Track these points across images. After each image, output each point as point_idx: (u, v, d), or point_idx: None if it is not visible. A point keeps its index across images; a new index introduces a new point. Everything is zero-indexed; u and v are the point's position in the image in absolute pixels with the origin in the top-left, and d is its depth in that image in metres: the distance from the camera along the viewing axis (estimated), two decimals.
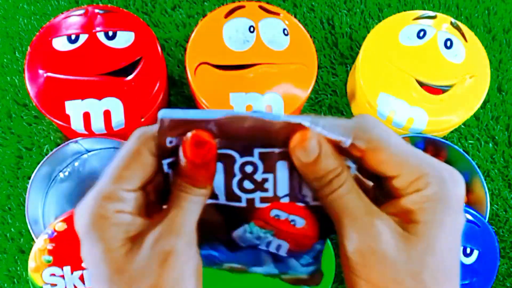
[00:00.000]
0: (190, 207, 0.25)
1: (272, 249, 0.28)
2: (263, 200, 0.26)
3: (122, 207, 0.24)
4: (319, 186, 0.25)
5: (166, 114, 0.24)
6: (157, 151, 0.25)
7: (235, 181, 0.25)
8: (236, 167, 0.25)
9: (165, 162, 0.25)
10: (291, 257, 0.28)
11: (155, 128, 0.25)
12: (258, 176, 0.25)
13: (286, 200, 0.26)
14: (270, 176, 0.25)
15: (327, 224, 0.26)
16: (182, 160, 0.24)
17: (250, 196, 0.25)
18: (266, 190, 0.25)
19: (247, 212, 0.26)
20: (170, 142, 0.24)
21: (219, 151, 0.24)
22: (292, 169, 0.25)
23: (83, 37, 0.52)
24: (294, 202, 0.26)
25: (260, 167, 0.25)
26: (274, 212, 0.26)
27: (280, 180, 0.25)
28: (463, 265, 0.48)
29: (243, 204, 0.26)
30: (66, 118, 0.50)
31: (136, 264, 0.23)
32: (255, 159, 0.24)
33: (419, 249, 0.23)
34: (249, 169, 0.25)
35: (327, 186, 0.24)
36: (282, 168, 0.25)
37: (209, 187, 0.25)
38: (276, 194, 0.25)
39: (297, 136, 0.24)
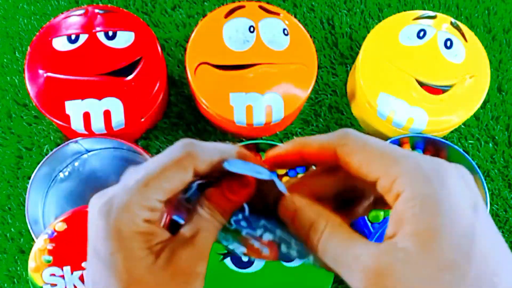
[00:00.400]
0: (215, 233, 0.25)
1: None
2: (248, 233, 0.28)
3: (150, 216, 0.23)
4: (309, 243, 0.24)
5: (230, 166, 0.25)
6: (199, 173, 0.25)
7: (234, 217, 0.27)
8: (240, 214, 0.27)
9: (196, 182, 0.26)
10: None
11: (201, 146, 0.25)
12: (255, 225, 0.27)
13: (266, 240, 0.28)
14: (264, 230, 0.27)
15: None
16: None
17: (239, 227, 0.27)
18: (254, 230, 0.27)
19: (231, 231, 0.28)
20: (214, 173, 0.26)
21: None
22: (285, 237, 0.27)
23: (83, 37, 0.52)
24: (272, 241, 0.28)
25: (261, 226, 0.27)
26: (252, 241, 0.28)
27: (270, 236, 0.27)
28: None
29: (231, 228, 0.27)
30: (66, 118, 0.50)
31: (160, 278, 0.23)
32: (260, 223, 0.27)
33: (433, 267, 0.20)
34: (251, 219, 0.27)
35: (309, 241, 0.24)
36: (277, 233, 0.27)
37: (227, 220, 0.26)
38: (261, 237, 0.27)
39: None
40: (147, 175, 0.24)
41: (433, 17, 0.55)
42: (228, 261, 0.48)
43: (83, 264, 0.45)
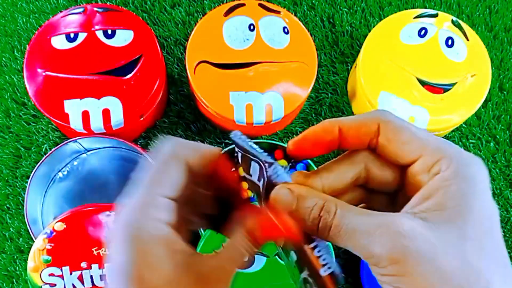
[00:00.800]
0: (241, 260, 0.24)
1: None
2: None
3: (166, 216, 0.23)
4: (319, 229, 0.24)
5: (236, 136, 0.25)
6: (193, 167, 0.24)
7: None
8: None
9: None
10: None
11: (185, 141, 0.25)
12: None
13: None
14: None
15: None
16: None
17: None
18: None
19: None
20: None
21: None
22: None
23: (82, 36, 0.51)
24: None
25: None
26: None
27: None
28: None
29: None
30: (65, 117, 0.49)
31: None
32: None
33: (455, 236, 0.21)
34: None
35: (322, 223, 0.24)
36: None
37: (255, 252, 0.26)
38: None
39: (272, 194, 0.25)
40: (146, 177, 0.24)
41: (434, 16, 0.55)
42: None
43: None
